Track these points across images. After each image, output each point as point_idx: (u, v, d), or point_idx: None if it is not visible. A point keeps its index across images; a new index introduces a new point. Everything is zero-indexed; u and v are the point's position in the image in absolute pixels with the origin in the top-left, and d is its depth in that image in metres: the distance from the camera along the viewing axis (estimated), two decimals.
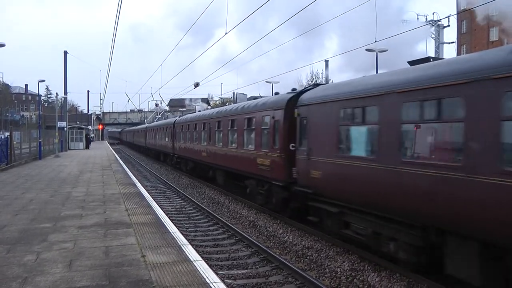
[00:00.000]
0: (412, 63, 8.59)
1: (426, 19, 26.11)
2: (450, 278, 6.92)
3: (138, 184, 14.91)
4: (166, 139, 31.64)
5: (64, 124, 39.59)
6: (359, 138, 8.96)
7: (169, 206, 15.61)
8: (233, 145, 16.41)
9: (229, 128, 16.93)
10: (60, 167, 22.49)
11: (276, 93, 14.89)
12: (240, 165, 15.57)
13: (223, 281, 5.81)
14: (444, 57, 14.86)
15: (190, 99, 67.44)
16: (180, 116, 31.89)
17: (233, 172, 16.73)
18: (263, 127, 13.56)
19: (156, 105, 71.15)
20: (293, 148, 11.49)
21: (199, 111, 30.55)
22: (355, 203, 8.84)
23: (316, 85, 11.88)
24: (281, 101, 12.70)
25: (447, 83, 6.54)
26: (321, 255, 9.24)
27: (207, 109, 32.26)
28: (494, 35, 45.38)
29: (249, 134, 15.02)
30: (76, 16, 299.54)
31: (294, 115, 11.41)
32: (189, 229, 11.98)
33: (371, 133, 8.41)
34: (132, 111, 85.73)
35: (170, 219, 9.22)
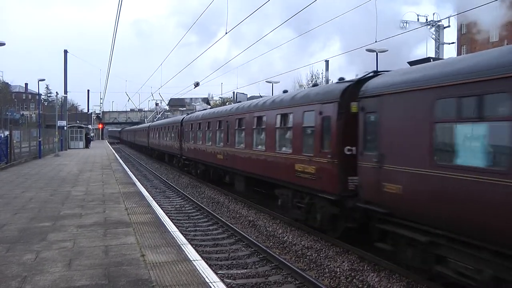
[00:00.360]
0: (412, 63, 8.59)
1: (427, 19, 26.11)
2: (450, 279, 6.91)
3: (138, 184, 14.92)
4: (173, 139, 29.12)
5: (64, 123, 39.68)
6: (472, 141, 6.55)
7: (168, 205, 15.62)
8: (260, 147, 14.01)
9: (255, 127, 14.54)
10: (60, 166, 22.50)
11: (315, 85, 11.96)
12: (269, 171, 13.17)
13: (222, 280, 5.80)
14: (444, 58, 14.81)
15: (191, 99, 67.54)
16: (188, 114, 28.44)
17: (257, 179, 14.50)
18: (304, 126, 11.09)
19: (156, 104, 71.32)
20: (349, 152, 9.25)
21: (211, 107, 28.82)
22: (462, 232, 6.48)
23: (375, 72, 9.44)
24: (333, 91, 10.12)
25: None
26: (321, 255, 9.25)
27: (206, 108, 31.12)
28: (494, 35, 45.38)
29: (283, 134, 12.63)
30: (77, 15, 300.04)
31: (351, 109, 9.24)
32: (189, 229, 11.99)
33: (496, 134, 6.09)
34: (132, 110, 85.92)
35: (169, 218, 9.23)
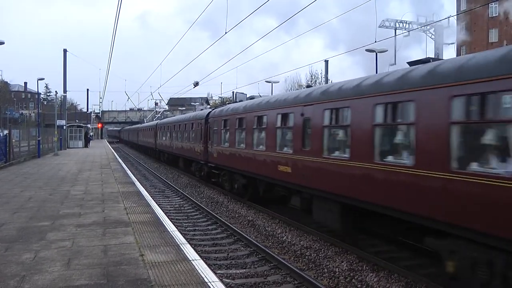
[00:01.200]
0: (412, 63, 8.59)
1: (426, 20, 26.17)
2: (449, 278, 6.92)
3: (137, 183, 14.89)
4: (192, 140, 23.39)
5: (63, 122, 39.73)
6: None
7: (168, 205, 15.60)
8: (391, 158, 8.04)
9: (378, 123, 8.29)
10: (59, 165, 22.47)
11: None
12: (424, 206, 6.98)
13: (221, 280, 5.80)
14: (443, 58, 14.84)
15: (190, 98, 67.62)
16: (215, 108, 21.89)
17: (371, 210, 8.58)
18: None
19: (156, 104, 71.46)
20: None
21: (210, 106, 24.72)
22: None
23: None
24: None
25: None
26: (320, 255, 9.25)
27: (207, 108, 26.73)
28: (493, 36, 45.41)
29: (487, 135, 6.18)
30: (77, 14, 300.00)
31: None
32: (188, 228, 11.98)
33: None
34: (131, 110, 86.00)
35: (168, 218, 9.20)
